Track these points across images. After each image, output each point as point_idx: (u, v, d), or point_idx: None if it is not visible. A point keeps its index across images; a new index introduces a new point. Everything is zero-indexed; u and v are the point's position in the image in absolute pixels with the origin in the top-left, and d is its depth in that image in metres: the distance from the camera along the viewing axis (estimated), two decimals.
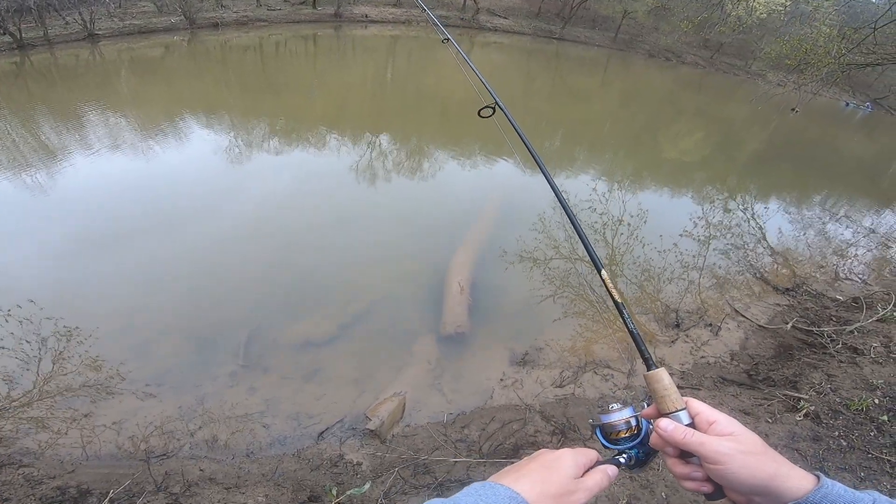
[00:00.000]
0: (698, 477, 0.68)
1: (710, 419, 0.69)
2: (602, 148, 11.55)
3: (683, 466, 0.69)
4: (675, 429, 0.68)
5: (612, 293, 0.89)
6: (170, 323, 4.15)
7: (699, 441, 0.66)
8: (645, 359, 0.80)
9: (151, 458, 2.96)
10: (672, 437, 0.68)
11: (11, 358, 3.58)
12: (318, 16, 22.65)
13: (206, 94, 11.54)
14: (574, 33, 29.74)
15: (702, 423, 0.69)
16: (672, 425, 0.69)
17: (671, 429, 0.68)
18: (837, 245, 7.38)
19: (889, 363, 3.85)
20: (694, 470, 0.68)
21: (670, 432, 0.68)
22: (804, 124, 17.87)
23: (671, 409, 0.71)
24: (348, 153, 8.40)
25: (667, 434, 0.68)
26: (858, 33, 10.41)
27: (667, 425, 0.69)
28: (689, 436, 0.67)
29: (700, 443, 0.65)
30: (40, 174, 6.53)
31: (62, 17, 15.38)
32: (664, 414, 0.72)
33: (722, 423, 0.68)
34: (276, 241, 5.48)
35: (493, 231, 5.93)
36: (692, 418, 0.70)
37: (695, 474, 0.68)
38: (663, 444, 0.70)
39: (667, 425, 0.69)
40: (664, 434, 0.69)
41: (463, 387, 3.77)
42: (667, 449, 0.70)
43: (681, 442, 0.67)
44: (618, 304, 0.88)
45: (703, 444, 0.65)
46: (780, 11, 26.78)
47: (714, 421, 0.68)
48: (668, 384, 0.73)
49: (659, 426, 0.70)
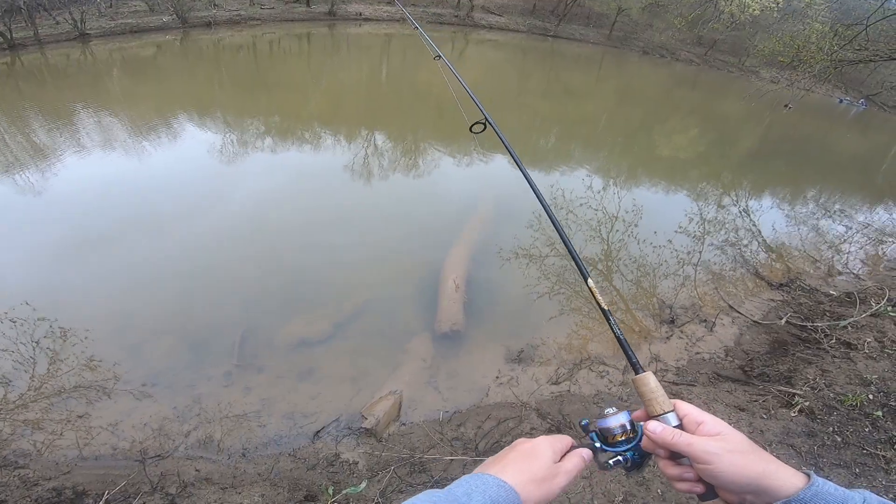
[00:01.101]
0: (690, 477, 0.69)
1: (697, 420, 0.70)
2: (597, 145, 11.56)
3: (675, 468, 0.70)
4: (664, 430, 0.70)
5: (599, 301, 0.92)
6: (164, 323, 4.13)
7: (687, 441, 0.67)
8: (632, 364, 0.82)
9: (147, 458, 2.95)
10: (661, 439, 0.69)
11: (6, 360, 3.55)
12: (312, 14, 22.55)
13: (199, 94, 11.47)
14: (569, 31, 29.74)
15: (690, 424, 0.71)
16: (660, 427, 0.70)
17: (659, 430, 0.70)
18: (831, 240, 7.42)
19: (883, 358, 3.88)
20: (685, 471, 0.69)
21: (659, 434, 0.70)
22: (798, 120, 17.95)
23: (659, 412, 0.73)
24: (343, 152, 8.38)
25: (655, 436, 0.70)
26: (850, 30, 10.48)
27: (655, 427, 0.70)
28: (676, 437, 0.68)
29: (688, 443, 0.67)
30: (32, 174, 6.47)
31: (52, 17, 15.24)
32: (653, 416, 0.73)
33: (709, 424, 0.69)
34: (270, 241, 5.46)
35: (489, 229, 5.93)
36: (680, 420, 0.72)
37: (686, 475, 0.69)
38: (653, 446, 0.71)
39: (655, 427, 0.70)
40: (653, 436, 0.70)
41: (458, 385, 3.77)
42: (657, 451, 0.71)
43: (669, 443, 0.68)
44: (604, 312, 0.90)
45: (691, 445, 0.66)
46: (773, 8, 26.86)
47: (702, 422, 0.70)
48: (654, 387, 0.75)
49: (647, 428, 0.71)
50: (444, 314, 4.29)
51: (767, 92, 13.23)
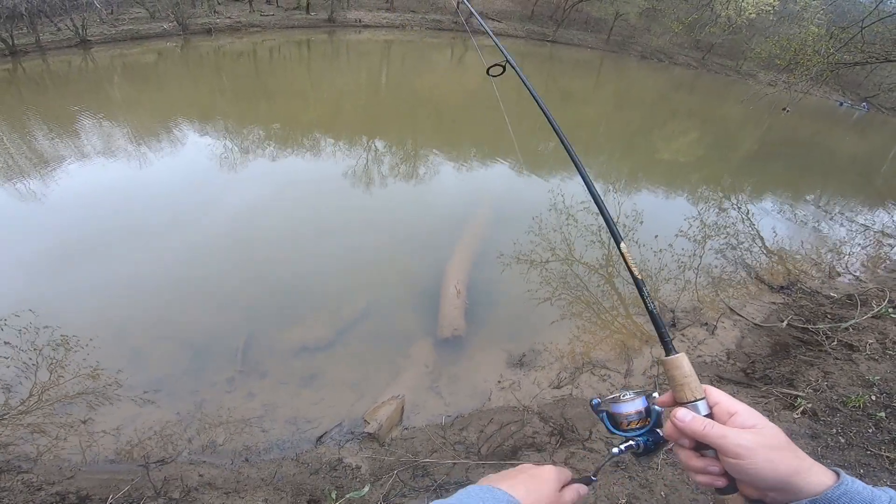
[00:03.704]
0: (714, 471, 0.64)
1: (730, 410, 0.64)
2: (596, 149, 11.59)
3: (698, 460, 0.65)
4: (694, 419, 0.64)
5: (632, 269, 0.83)
6: (167, 329, 4.13)
7: (720, 434, 0.61)
8: (665, 342, 0.74)
9: (150, 463, 2.95)
10: (691, 429, 0.64)
11: (10, 366, 3.55)
12: (312, 21, 22.67)
13: (200, 100, 11.52)
14: (567, 36, 29.91)
15: (721, 413, 0.65)
16: (690, 415, 0.64)
17: (689, 419, 0.64)
18: (832, 243, 7.44)
19: (885, 360, 3.88)
20: (710, 464, 0.64)
21: (688, 423, 0.64)
22: (797, 123, 18.00)
23: (689, 399, 0.66)
24: (344, 157, 8.40)
25: (684, 425, 0.64)
26: (846, 32, 10.55)
27: (684, 415, 0.65)
28: (708, 427, 0.62)
29: (721, 435, 0.61)
30: (33, 181, 6.49)
31: (54, 24, 15.31)
32: (681, 403, 0.67)
33: (743, 415, 0.63)
34: (272, 247, 5.46)
35: (490, 234, 5.94)
36: (710, 408, 0.66)
37: (711, 468, 0.64)
38: (679, 435, 0.66)
39: (684, 415, 0.65)
40: (681, 425, 0.64)
41: (461, 389, 3.77)
42: (682, 441, 0.66)
43: (700, 434, 0.63)
44: (637, 282, 0.82)
45: (724, 437, 0.61)
46: (769, 11, 27.04)
47: (735, 412, 0.64)
48: (688, 371, 0.68)
49: (676, 416, 0.65)
50: (445, 319, 4.30)
51: (765, 95, 13.27)
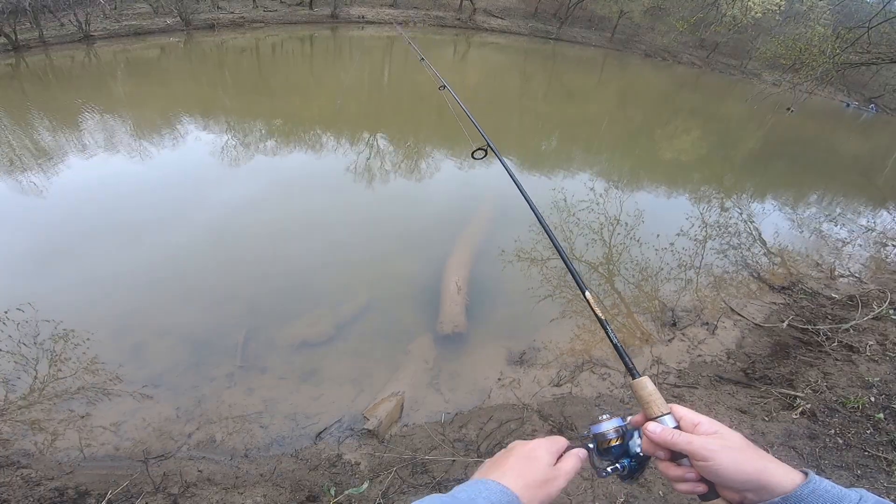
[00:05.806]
0: (691, 478, 0.70)
1: (694, 421, 0.72)
2: (599, 148, 11.57)
3: (676, 469, 0.72)
4: (663, 430, 0.72)
5: (596, 311, 0.96)
6: (167, 325, 4.14)
7: (687, 440, 0.69)
8: (629, 369, 0.84)
9: (150, 459, 2.96)
10: (661, 438, 0.71)
11: (10, 361, 3.57)
12: (315, 17, 22.67)
13: (203, 95, 11.51)
14: (571, 33, 29.81)
15: (687, 425, 0.73)
16: (659, 427, 0.72)
17: (659, 430, 0.72)
18: (833, 243, 7.41)
19: (885, 361, 3.87)
20: (686, 471, 0.70)
21: (659, 434, 0.72)
22: (802, 123, 17.92)
23: (657, 414, 0.75)
24: (345, 154, 8.40)
25: (655, 436, 0.72)
26: (852, 33, 10.49)
27: (654, 427, 0.73)
28: (676, 436, 0.70)
29: (688, 441, 0.69)
30: (35, 176, 6.50)
31: (57, 19, 15.34)
32: (651, 419, 0.75)
33: (705, 424, 0.71)
34: (273, 242, 5.47)
35: (491, 230, 5.93)
36: (677, 422, 0.74)
37: (688, 475, 0.70)
38: (654, 447, 0.73)
39: (654, 427, 0.73)
40: (653, 436, 0.72)
41: (460, 386, 3.77)
42: (658, 452, 0.73)
43: (669, 442, 0.70)
44: (601, 321, 0.94)
45: (690, 443, 0.68)
46: (775, 11, 26.89)
47: (698, 423, 0.72)
48: (651, 390, 0.77)
49: (647, 429, 0.73)
50: (446, 316, 4.30)
51: (770, 95, 13.21)
